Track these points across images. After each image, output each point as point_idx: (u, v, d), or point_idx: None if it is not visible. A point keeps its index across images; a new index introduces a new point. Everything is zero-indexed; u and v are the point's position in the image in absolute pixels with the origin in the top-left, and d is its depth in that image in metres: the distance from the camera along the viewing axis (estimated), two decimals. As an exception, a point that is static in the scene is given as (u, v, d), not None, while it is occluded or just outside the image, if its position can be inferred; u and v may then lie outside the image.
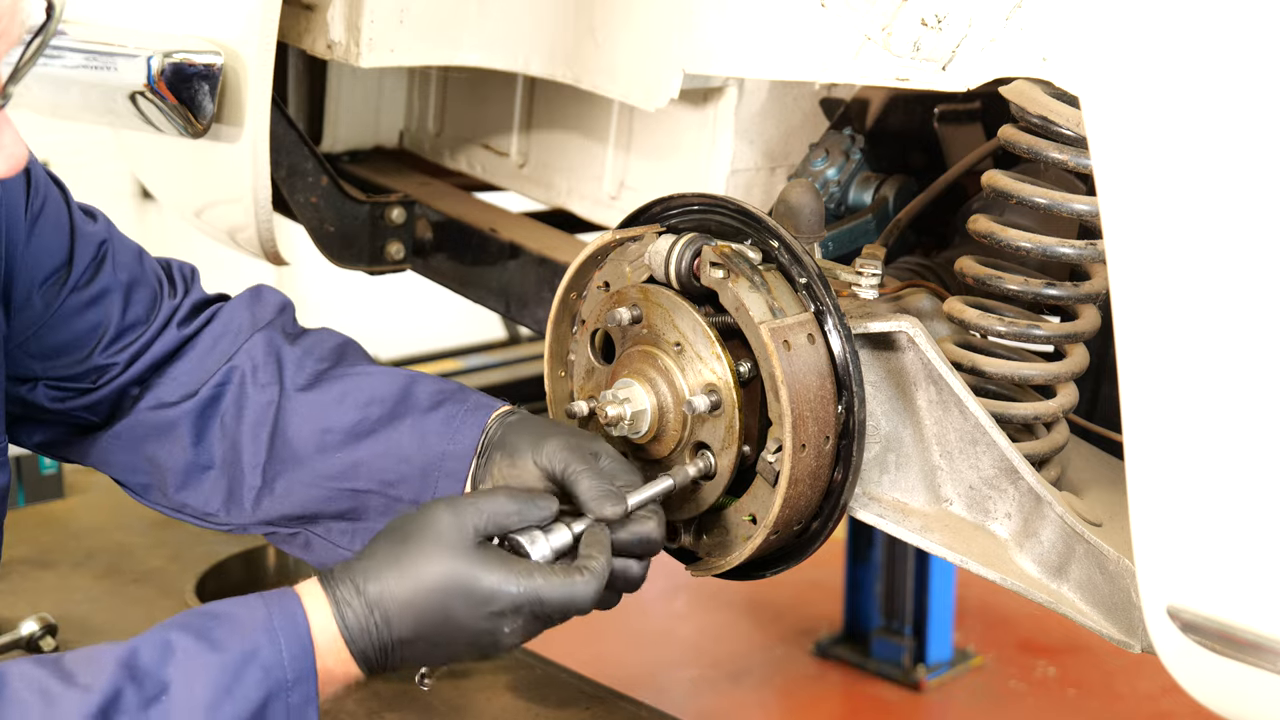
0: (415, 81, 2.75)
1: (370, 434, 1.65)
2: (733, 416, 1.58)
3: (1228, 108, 1.28)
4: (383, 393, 1.67)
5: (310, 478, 1.66)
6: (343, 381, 1.68)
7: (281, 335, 1.72)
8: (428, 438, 1.64)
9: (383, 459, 1.64)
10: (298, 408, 1.66)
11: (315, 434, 1.66)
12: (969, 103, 1.96)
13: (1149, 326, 1.35)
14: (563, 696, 2.09)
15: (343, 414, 1.66)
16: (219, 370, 1.68)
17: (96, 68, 2.21)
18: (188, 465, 1.69)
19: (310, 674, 1.36)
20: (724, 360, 1.58)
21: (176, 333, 1.70)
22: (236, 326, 1.71)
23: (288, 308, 1.78)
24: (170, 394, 1.69)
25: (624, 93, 2.00)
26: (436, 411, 1.65)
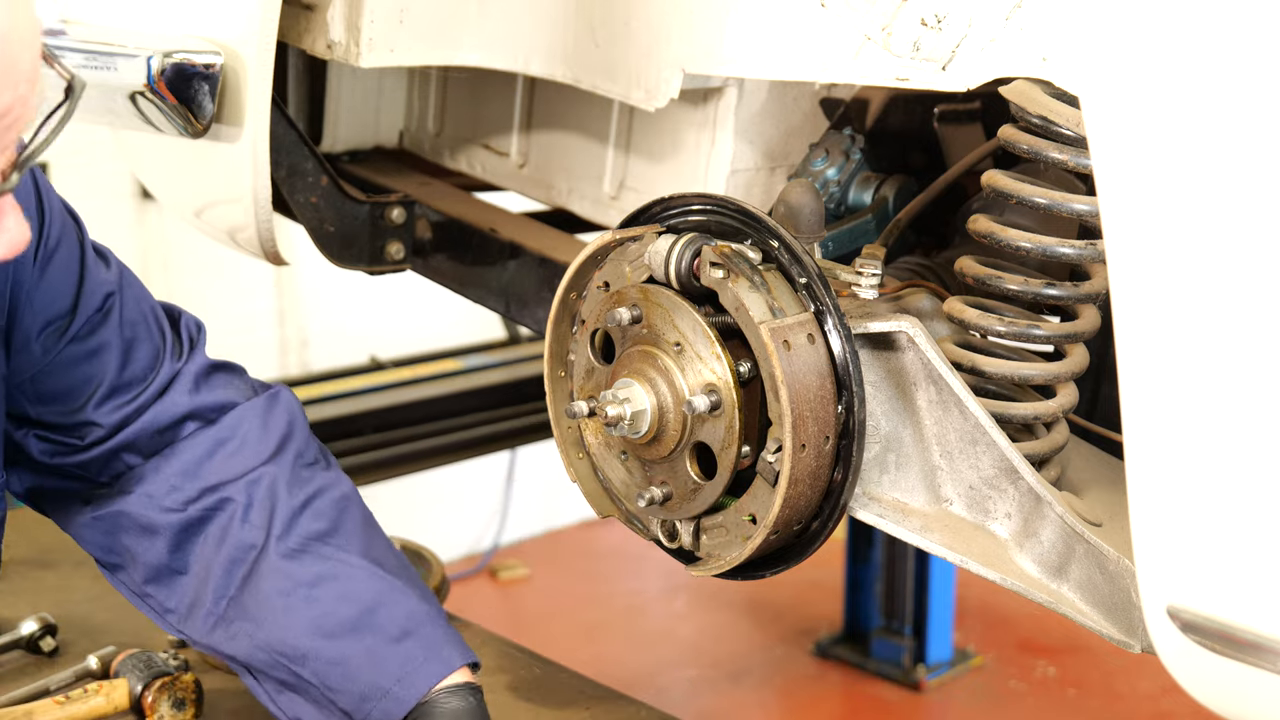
0: (415, 81, 2.75)
1: (329, 636, 1.65)
2: (733, 416, 1.58)
3: (1227, 107, 1.28)
4: (357, 594, 1.66)
5: (262, 641, 1.67)
6: (325, 565, 1.67)
7: (288, 472, 1.70)
8: (379, 668, 1.64)
9: (332, 666, 1.65)
10: (275, 571, 1.66)
11: (281, 606, 1.66)
12: (969, 103, 1.96)
13: (1149, 326, 1.35)
14: (563, 696, 2.09)
15: (312, 603, 1.65)
16: (215, 496, 1.68)
17: (96, 68, 2.21)
18: (161, 566, 1.70)
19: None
20: (724, 360, 1.58)
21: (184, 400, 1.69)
22: (243, 441, 1.70)
23: (296, 426, 1.75)
24: (159, 490, 1.69)
25: (624, 93, 2.00)
26: (398, 646, 1.65)
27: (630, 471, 1.72)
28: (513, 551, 5.40)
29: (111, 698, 2.03)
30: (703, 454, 1.64)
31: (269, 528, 1.66)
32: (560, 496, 5.43)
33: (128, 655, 2.10)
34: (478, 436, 4.01)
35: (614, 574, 5.21)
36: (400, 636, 1.65)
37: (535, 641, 2.40)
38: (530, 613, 4.98)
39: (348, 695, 1.64)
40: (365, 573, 1.67)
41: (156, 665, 2.07)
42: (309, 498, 1.70)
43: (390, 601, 1.66)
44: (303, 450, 1.73)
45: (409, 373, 4.11)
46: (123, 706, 2.03)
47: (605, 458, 1.75)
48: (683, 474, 1.66)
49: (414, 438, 3.87)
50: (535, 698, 2.09)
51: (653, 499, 1.67)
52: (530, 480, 5.41)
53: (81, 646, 2.22)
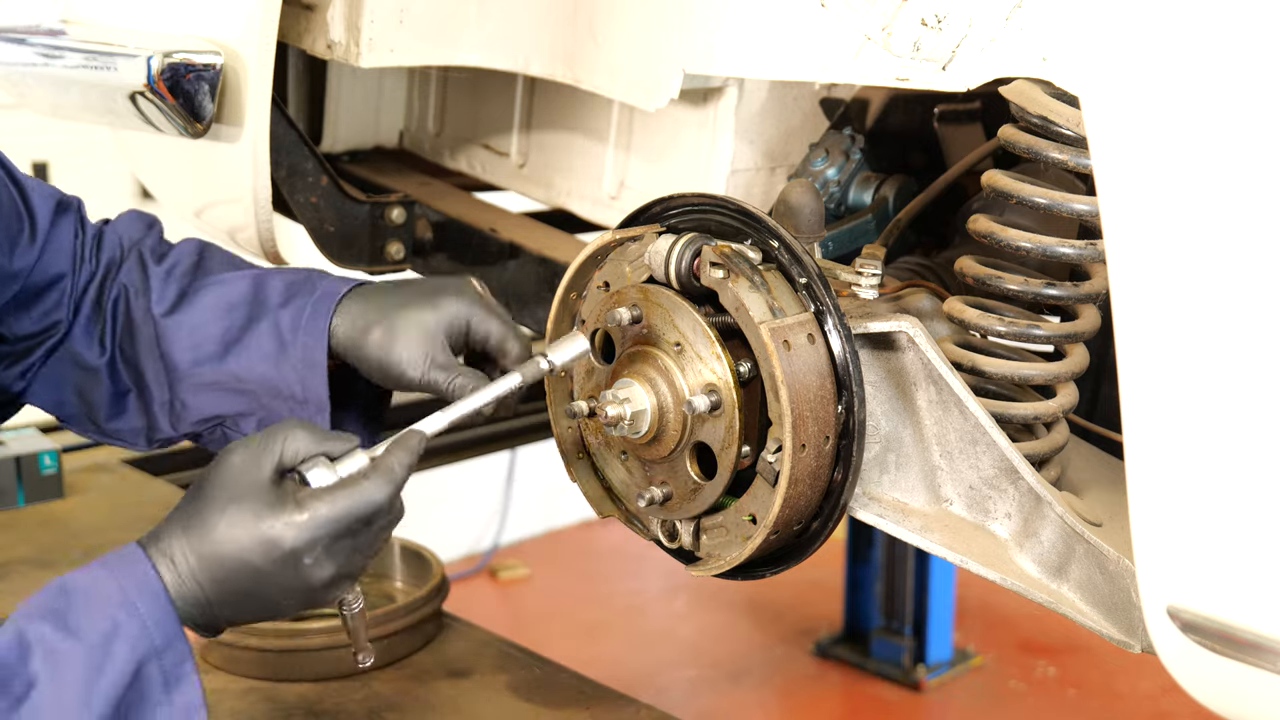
0: (415, 81, 2.75)
1: (237, 342, 1.68)
2: (733, 416, 1.58)
3: (1227, 107, 1.28)
4: (237, 299, 1.69)
5: (201, 387, 1.69)
6: (201, 295, 1.70)
7: (153, 247, 1.74)
8: (283, 336, 1.66)
9: (255, 364, 1.67)
10: (168, 332, 1.69)
11: (190, 350, 1.68)
12: (969, 103, 1.97)
13: (1149, 326, 1.35)
14: (563, 696, 2.09)
15: (208, 329, 1.68)
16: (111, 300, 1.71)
17: (96, 68, 2.21)
18: (111, 397, 1.72)
19: (177, 634, 1.35)
20: (724, 360, 1.58)
21: (88, 270, 1.71)
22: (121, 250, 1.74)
23: (156, 225, 1.80)
24: (83, 326, 1.71)
25: (624, 93, 2.00)
26: (287, 308, 1.67)
27: (630, 471, 1.72)
28: (513, 551, 5.40)
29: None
30: (703, 454, 1.64)
31: (148, 301, 1.70)
32: (560, 496, 5.43)
33: (128, 655, 2.09)
34: (478, 436, 4.01)
35: (614, 574, 5.21)
36: (285, 302, 1.68)
37: (535, 641, 2.41)
38: (530, 613, 4.98)
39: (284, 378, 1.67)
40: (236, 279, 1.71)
41: (156, 665, 2.07)
42: (171, 265, 1.73)
43: (267, 284, 1.70)
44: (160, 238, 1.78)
45: (409, 373, 4.11)
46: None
47: (605, 458, 1.75)
48: (683, 474, 1.66)
49: (414, 438, 3.86)
50: (535, 698, 2.09)
51: (653, 499, 1.67)
52: (530, 480, 5.41)
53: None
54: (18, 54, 2.37)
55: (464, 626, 2.30)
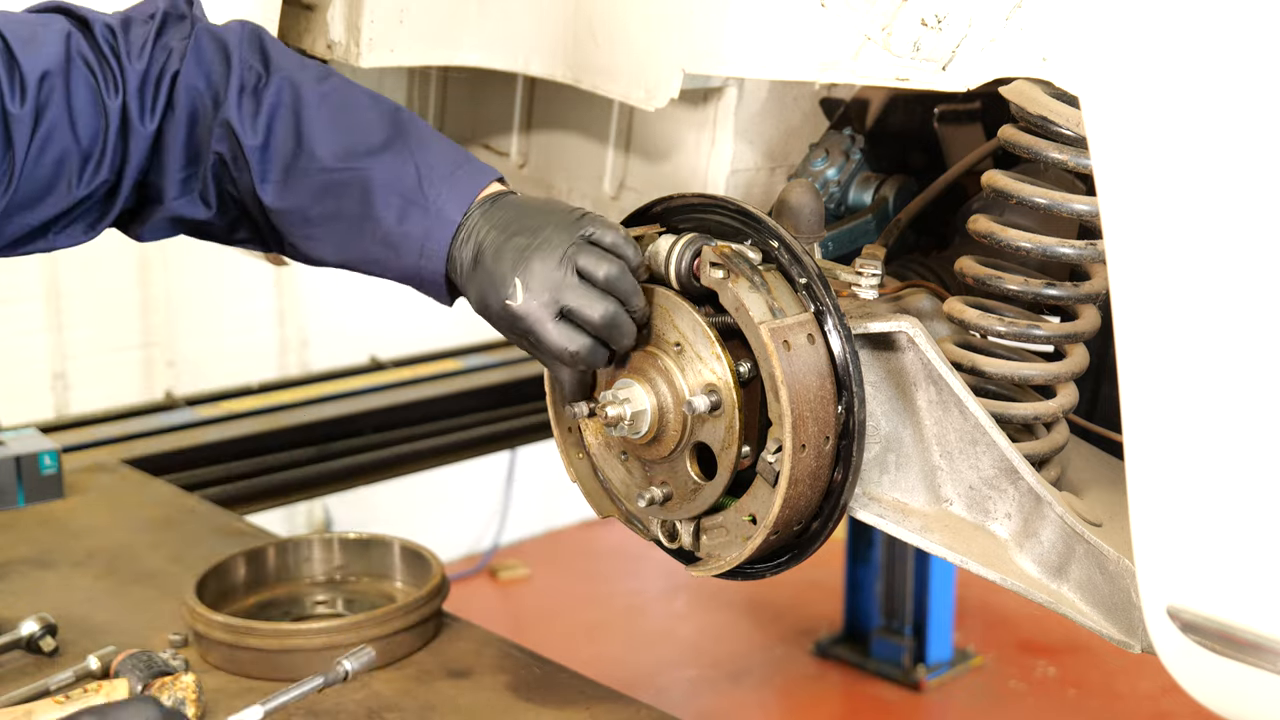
0: (415, 81, 2.75)
1: (350, 244, 1.67)
2: (733, 417, 1.58)
3: (1227, 107, 1.28)
4: (349, 198, 1.65)
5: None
6: (306, 184, 1.66)
7: (242, 110, 1.66)
8: (400, 252, 1.65)
9: (367, 265, 1.68)
10: (279, 218, 1.67)
11: (304, 242, 1.69)
12: (969, 103, 1.97)
13: (1149, 326, 1.35)
14: (563, 696, 2.09)
15: (321, 229, 1.67)
16: (209, 164, 1.66)
17: (96, 68, 2.21)
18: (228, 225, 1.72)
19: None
20: (724, 360, 1.58)
21: (143, 131, 1.65)
22: (201, 107, 1.66)
23: (230, 52, 1.68)
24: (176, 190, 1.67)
25: (624, 93, 2.00)
26: (400, 226, 1.64)
27: (630, 471, 1.72)
28: (513, 551, 5.40)
29: (112, 698, 2.03)
30: (703, 454, 1.65)
31: (251, 179, 1.66)
32: (560, 496, 5.43)
33: (128, 655, 2.10)
34: (478, 436, 4.01)
35: (614, 574, 5.21)
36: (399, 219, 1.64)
37: (535, 641, 2.40)
38: (530, 613, 4.98)
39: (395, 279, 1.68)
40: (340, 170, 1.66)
41: (156, 665, 2.07)
42: (267, 132, 1.66)
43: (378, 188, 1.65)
44: (243, 78, 1.68)
45: (409, 373, 4.12)
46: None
47: (605, 458, 1.75)
48: (683, 474, 1.66)
49: (414, 438, 3.87)
50: (535, 698, 2.09)
51: (653, 499, 1.67)
52: (530, 480, 5.41)
53: (81, 646, 2.22)
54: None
55: (464, 626, 2.30)
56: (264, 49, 1.70)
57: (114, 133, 1.63)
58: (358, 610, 2.33)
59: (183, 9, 1.70)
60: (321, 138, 1.65)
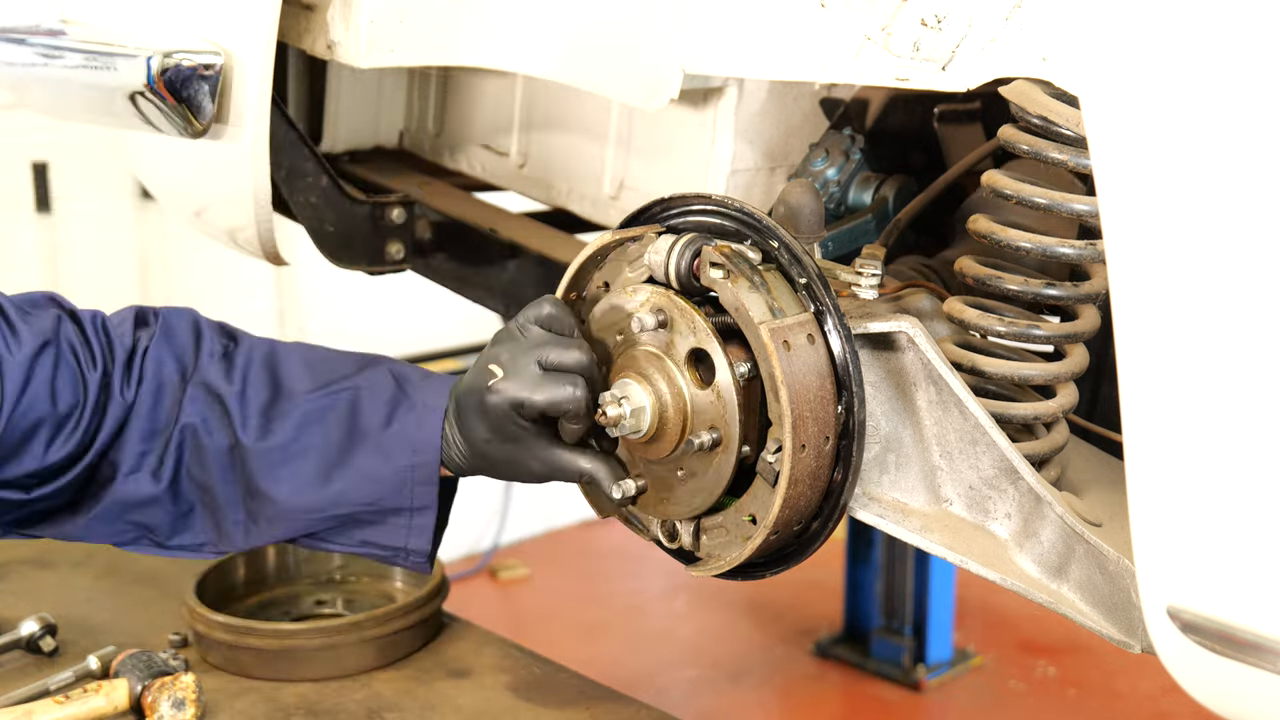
0: (415, 81, 2.75)
1: (336, 467, 1.69)
2: (733, 416, 1.58)
3: (1227, 107, 1.28)
4: (334, 419, 1.70)
5: (293, 515, 1.70)
6: (288, 420, 1.70)
7: (215, 370, 1.72)
8: (391, 454, 1.69)
9: (359, 487, 1.69)
10: (259, 460, 1.69)
11: (287, 481, 1.69)
12: (969, 103, 1.96)
13: (1149, 326, 1.35)
14: (563, 696, 2.09)
15: (304, 460, 1.69)
16: (177, 433, 1.69)
17: (96, 68, 2.21)
18: (173, 518, 1.72)
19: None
20: (724, 360, 1.58)
21: (122, 402, 1.69)
22: (167, 378, 1.71)
23: (201, 329, 1.76)
24: (135, 465, 1.69)
25: (624, 93, 2.00)
26: (390, 428, 1.69)
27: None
28: (513, 551, 5.40)
29: (111, 698, 2.03)
30: (703, 453, 1.64)
31: (230, 427, 1.69)
32: (560, 496, 5.43)
33: (128, 655, 2.10)
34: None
35: (614, 574, 5.21)
36: (387, 422, 1.69)
37: (535, 641, 2.41)
38: (530, 613, 4.98)
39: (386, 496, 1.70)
40: (323, 400, 1.71)
41: (156, 665, 2.07)
42: (242, 379, 1.72)
43: (361, 405, 1.71)
44: (212, 348, 1.75)
45: (409, 373, 4.11)
46: (123, 706, 2.03)
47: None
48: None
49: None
50: (535, 698, 2.09)
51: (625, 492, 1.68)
52: (530, 481, 5.40)
53: (81, 646, 2.22)
54: (18, 54, 2.37)
55: (464, 626, 2.30)
56: (229, 330, 1.79)
57: (91, 404, 1.67)
58: (358, 610, 2.33)
59: (149, 317, 1.77)
60: (298, 376, 1.72)
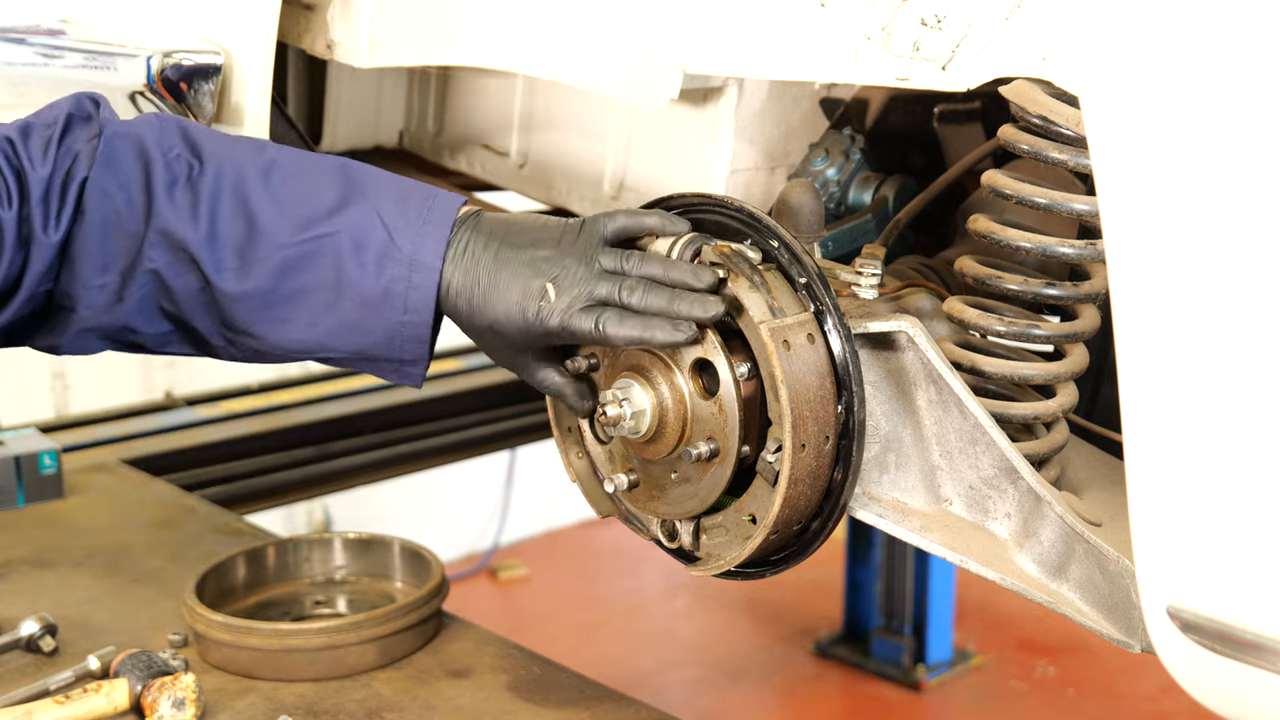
0: (415, 81, 2.75)
1: (323, 314, 1.59)
2: (733, 430, 1.58)
3: (1227, 107, 1.28)
4: (318, 266, 1.58)
5: (278, 352, 1.62)
6: (267, 265, 1.58)
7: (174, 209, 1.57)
8: (380, 310, 1.59)
9: (343, 337, 1.60)
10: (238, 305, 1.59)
11: (269, 325, 1.60)
12: (969, 103, 1.96)
13: (1148, 326, 1.35)
14: (563, 696, 2.09)
15: (287, 307, 1.58)
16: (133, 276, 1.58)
17: (96, 68, 2.21)
18: (152, 340, 1.64)
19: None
20: (729, 375, 1.58)
21: (46, 241, 1.57)
22: (115, 212, 1.57)
23: (150, 157, 1.60)
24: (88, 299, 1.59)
25: (624, 93, 2.00)
26: (379, 283, 1.58)
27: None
28: (513, 551, 5.40)
29: (111, 698, 2.03)
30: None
31: (200, 272, 1.58)
32: (560, 496, 5.43)
33: (128, 655, 2.10)
34: (478, 436, 4.01)
35: (614, 574, 5.22)
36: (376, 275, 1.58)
37: (535, 641, 2.40)
38: (530, 613, 4.98)
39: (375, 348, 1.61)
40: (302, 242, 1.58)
41: (156, 665, 2.07)
42: (210, 220, 1.58)
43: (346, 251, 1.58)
44: (170, 175, 1.60)
45: (409, 372, 4.11)
46: (123, 706, 2.03)
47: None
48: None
49: (414, 438, 3.87)
50: (535, 698, 2.09)
51: (618, 486, 1.68)
52: (530, 480, 5.41)
53: (81, 646, 2.22)
54: (18, 54, 2.37)
55: (464, 626, 2.30)
56: (190, 137, 1.62)
57: (9, 244, 1.55)
58: (358, 610, 2.33)
59: (88, 109, 1.63)
60: (274, 214, 1.58)
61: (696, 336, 1.54)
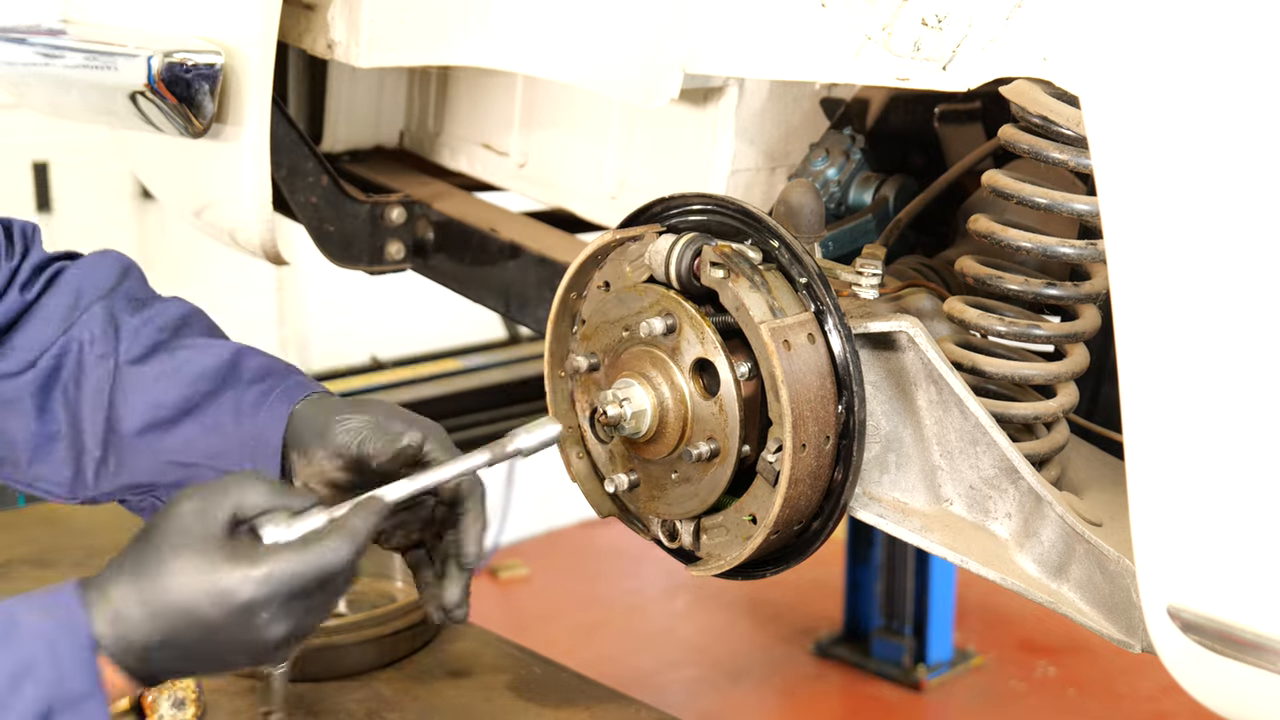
0: (415, 81, 2.75)
1: (196, 409, 1.61)
2: (733, 430, 1.58)
3: (1227, 107, 1.28)
4: (210, 367, 1.62)
5: (142, 452, 1.62)
6: (175, 355, 1.63)
7: (125, 302, 1.66)
8: (243, 411, 1.61)
9: (207, 434, 1.61)
10: (130, 381, 1.62)
11: (147, 410, 1.62)
12: (969, 103, 1.96)
13: (1149, 326, 1.35)
14: (563, 696, 2.09)
15: (172, 390, 1.61)
16: (56, 341, 1.62)
17: (96, 68, 2.21)
18: (36, 437, 1.63)
19: (94, 689, 1.26)
20: (729, 375, 1.58)
21: (19, 298, 1.62)
22: (76, 292, 1.65)
23: (133, 271, 1.71)
24: (12, 365, 1.62)
25: (624, 93, 2.00)
26: (256, 385, 1.62)
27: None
28: (513, 551, 5.40)
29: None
30: (703, 454, 1.64)
31: (115, 351, 1.62)
32: (560, 496, 5.43)
33: (128, 655, 2.09)
34: (478, 436, 4.01)
35: (614, 574, 5.21)
36: (257, 379, 1.62)
37: (535, 641, 2.40)
38: (530, 613, 4.98)
39: (229, 455, 1.60)
40: (214, 348, 1.64)
41: (156, 665, 2.07)
42: (152, 315, 1.65)
43: (243, 361, 1.63)
44: (133, 291, 1.69)
45: (409, 373, 4.12)
46: (123, 707, 2.02)
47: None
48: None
49: (414, 438, 3.87)
50: (535, 698, 2.09)
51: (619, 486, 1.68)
52: (530, 480, 5.40)
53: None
54: (18, 54, 2.37)
55: (464, 626, 2.30)
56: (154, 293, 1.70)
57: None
58: (358, 610, 2.33)
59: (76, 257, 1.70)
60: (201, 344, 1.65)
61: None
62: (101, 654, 1.28)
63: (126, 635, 1.29)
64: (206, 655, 1.31)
